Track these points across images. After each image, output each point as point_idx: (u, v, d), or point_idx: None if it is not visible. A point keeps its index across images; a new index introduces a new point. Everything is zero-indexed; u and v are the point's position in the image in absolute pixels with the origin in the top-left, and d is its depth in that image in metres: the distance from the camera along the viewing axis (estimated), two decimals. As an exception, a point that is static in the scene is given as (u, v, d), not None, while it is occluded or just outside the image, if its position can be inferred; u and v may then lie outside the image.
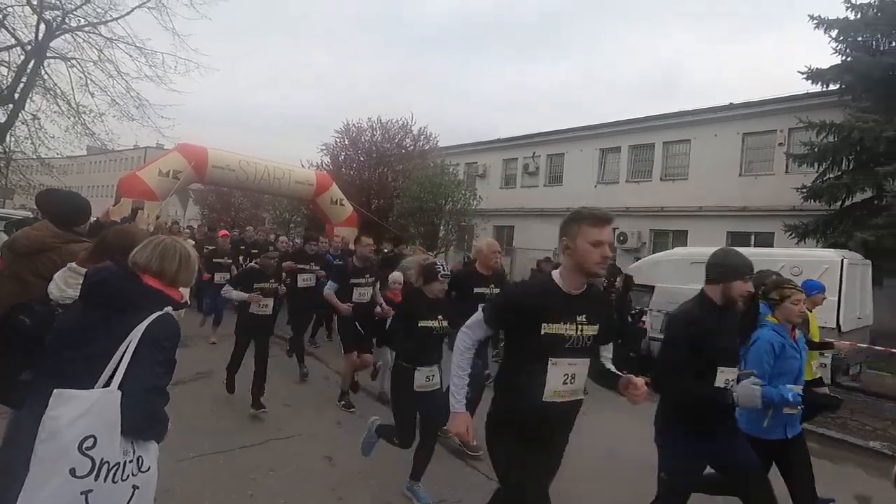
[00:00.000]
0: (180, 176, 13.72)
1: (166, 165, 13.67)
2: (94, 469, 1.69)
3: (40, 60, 13.44)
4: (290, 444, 4.64)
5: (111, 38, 13.84)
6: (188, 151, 14.22)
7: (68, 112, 14.00)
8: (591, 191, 19.98)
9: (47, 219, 3.16)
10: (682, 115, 17.64)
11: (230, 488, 3.81)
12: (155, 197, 13.19)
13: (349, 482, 4.08)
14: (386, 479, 4.15)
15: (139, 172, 13.76)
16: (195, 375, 6.40)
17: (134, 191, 12.70)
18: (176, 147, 14.66)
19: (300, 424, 5.08)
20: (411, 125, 22.34)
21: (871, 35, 12.15)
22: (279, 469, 4.18)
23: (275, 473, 4.10)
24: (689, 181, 17.34)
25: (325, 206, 17.23)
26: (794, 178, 13.67)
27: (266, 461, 4.29)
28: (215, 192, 30.85)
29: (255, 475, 4.04)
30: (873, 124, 10.83)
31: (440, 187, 18.99)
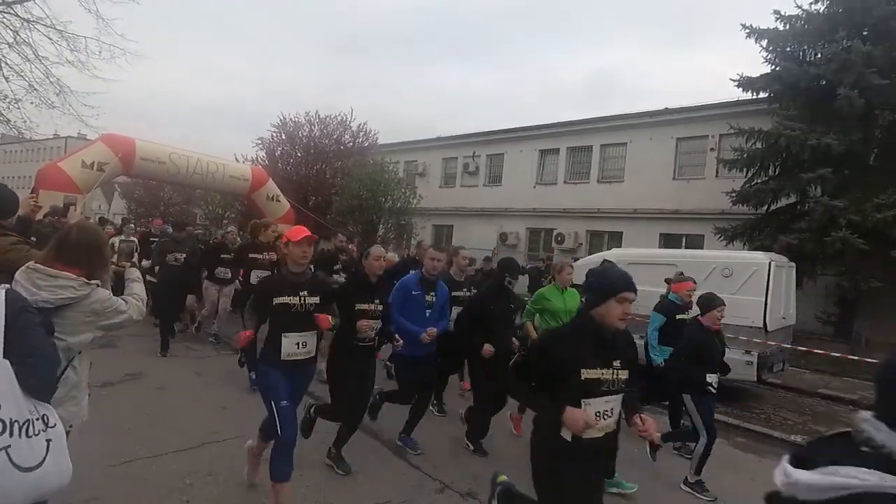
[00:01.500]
0: (106, 168, 13.06)
1: (90, 156, 13.01)
2: (6, 429, 1.79)
3: None
4: (227, 448, 4.42)
5: (28, 19, 12.78)
6: (114, 142, 13.53)
7: None
8: (530, 191, 20.07)
9: None
10: (619, 118, 17.93)
11: (164, 495, 3.63)
12: (78, 190, 12.47)
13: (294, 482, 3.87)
14: (326, 478, 4.11)
15: (61, 163, 13.03)
16: (123, 377, 6.10)
17: (55, 183, 12.03)
18: (101, 137, 13.88)
19: (237, 427, 4.78)
20: (350, 121, 21.87)
21: (799, 46, 12.64)
22: (216, 474, 3.98)
23: (211, 478, 3.91)
24: (625, 183, 17.64)
25: (262, 202, 16.67)
26: (724, 183, 14.08)
27: (202, 466, 4.09)
28: (143, 185, 29.68)
29: (192, 480, 3.86)
30: (799, 132, 11.23)
31: (380, 185, 18.67)
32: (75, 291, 2.33)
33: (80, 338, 2.39)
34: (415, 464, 4.58)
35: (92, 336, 2.44)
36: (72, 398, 2.42)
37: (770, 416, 7.69)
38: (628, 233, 16.99)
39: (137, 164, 13.90)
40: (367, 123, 22.24)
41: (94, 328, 2.43)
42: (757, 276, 8.10)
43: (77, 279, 2.35)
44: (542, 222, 19.65)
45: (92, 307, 2.39)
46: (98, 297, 2.42)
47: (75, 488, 3.19)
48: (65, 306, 2.32)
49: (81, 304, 2.36)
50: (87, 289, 2.37)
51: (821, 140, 10.86)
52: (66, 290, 2.32)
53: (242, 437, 4.55)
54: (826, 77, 11.40)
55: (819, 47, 12.21)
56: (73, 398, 2.42)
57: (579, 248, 17.85)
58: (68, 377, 2.38)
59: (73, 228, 2.55)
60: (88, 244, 2.46)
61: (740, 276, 8.11)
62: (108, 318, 2.47)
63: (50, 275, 2.30)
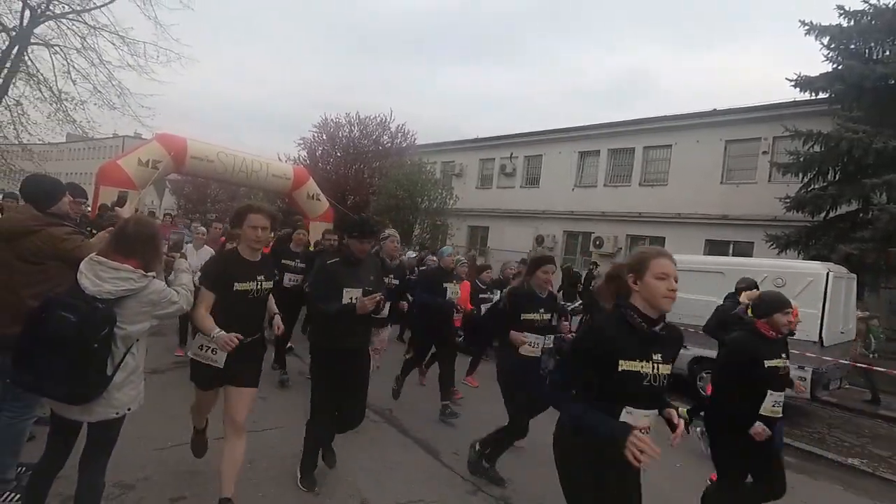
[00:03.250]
0: (159, 166, 13.61)
1: (146, 155, 13.56)
2: None
3: (24, 46, 13.59)
4: (266, 438, 4.53)
5: (94, 26, 13.96)
6: (168, 141, 14.08)
7: (50, 99, 14.13)
8: (568, 194, 19.58)
9: (27, 202, 3.22)
10: (664, 119, 17.27)
11: (208, 479, 3.66)
12: (134, 186, 13.10)
13: (325, 478, 3.99)
14: (358, 474, 4.17)
15: (119, 161, 13.61)
16: (172, 364, 6.31)
17: (113, 179, 12.65)
18: (155, 137, 14.47)
19: (275, 419, 4.97)
20: (389, 122, 22.00)
21: (865, 43, 11.81)
22: (256, 462, 4.08)
23: (252, 466, 3.98)
24: (669, 187, 16.96)
25: (302, 200, 16.89)
26: (777, 188, 13.32)
27: None
28: (192, 182, 30.99)
29: None
30: (863, 135, 10.45)
31: (417, 185, 18.57)
32: (135, 283, 2.49)
33: (137, 327, 2.55)
34: (448, 463, 4.60)
35: (148, 325, 2.62)
36: (130, 382, 2.60)
37: (824, 436, 7.20)
38: (671, 238, 16.28)
39: (188, 162, 14.39)
40: (406, 124, 22.29)
41: (149, 317, 2.61)
42: (813, 287, 7.54)
43: (136, 271, 2.49)
44: (579, 225, 19.12)
45: (149, 297, 2.56)
46: (155, 288, 2.58)
47: (127, 468, 3.62)
48: (125, 297, 2.48)
49: (140, 295, 2.52)
50: (146, 280, 2.53)
51: (888, 143, 10.07)
52: (127, 282, 2.47)
53: (280, 428, 4.80)
54: (895, 76, 10.57)
55: (888, 44, 11.38)
56: (131, 382, 2.60)
57: (618, 253, 17.27)
58: (128, 363, 2.56)
59: (130, 222, 2.68)
60: (145, 237, 2.60)
61: (794, 286, 7.51)
62: (162, 308, 2.64)
63: (112, 267, 2.46)
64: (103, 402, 2.49)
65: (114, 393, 2.51)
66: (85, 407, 2.46)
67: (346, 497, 3.81)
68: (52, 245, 3.03)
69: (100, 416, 2.51)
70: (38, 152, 16.31)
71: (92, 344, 2.33)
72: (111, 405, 2.52)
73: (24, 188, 3.31)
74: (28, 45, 13.62)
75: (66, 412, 2.53)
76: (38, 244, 3.01)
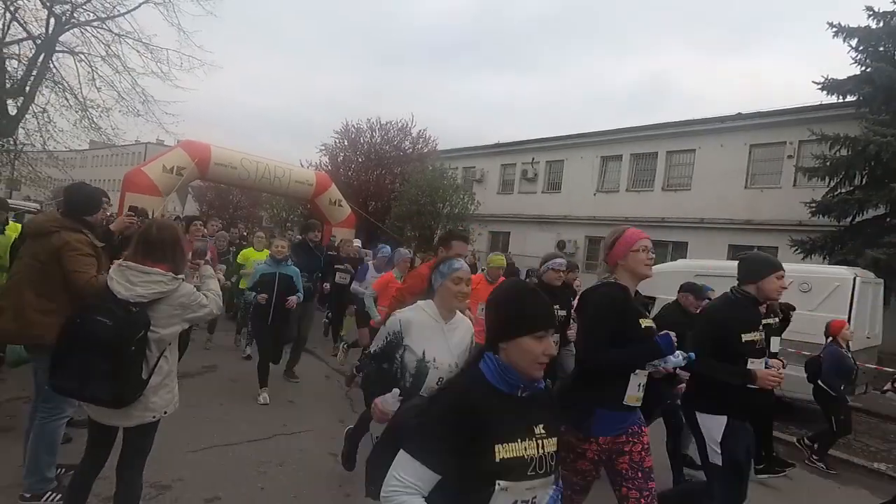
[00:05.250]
0: (184, 172, 13.71)
1: (170, 162, 13.64)
2: None
3: (49, 54, 13.67)
4: (296, 441, 4.67)
5: (118, 34, 14.00)
6: (192, 148, 14.19)
7: (76, 106, 14.13)
8: (590, 199, 19.56)
9: (60, 208, 3.34)
10: (687, 123, 17.19)
11: (241, 480, 3.86)
12: (158, 192, 13.22)
13: (355, 478, 3.95)
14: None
15: (144, 168, 13.71)
16: (201, 369, 6.51)
17: (139, 186, 12.83)
18: (179, 144, 14.57)
19: (304, 421, 5.13)
20: (411, 127, 22.07)
21: (894, 45, 11.65)
22: (287, 464, 4.21)
23: (283, 468, 4.13)
24: (692, 192, 16.87)
25: (324, 206, 16.93)
26: (802, 192, 13.19)
27: (274, 456, 4.34)
28: (214, 188, 31.16)
29: (265, 469, 4.09)
30: (892, 138, 10.34)
31: (438, 191, 18.66)
32: (166, 286, 2.51)
33: (170, 330, 2.57)
34: None
35: (180, 328, 2.64)
36: (165, 386, 2.62)
37: (850, 441, 7.04)
38: (694, 243, 16.20)
39: (212, 168, 14.48)
40: (427, 130, 22.39)
41: (181, 320, 2.62)
42: (839, 292, 7.45)
43: (166, 274, 2.52)
44: (602, 230, 18.98)
45: (180, 300, 2.57)
46: (185, 290, 2.61)
47: (163, 469, 3.69)
48: (156, 301, 2.50)
49: (171, 297, 2.54)
50: (176, 283, 2.55)
51: (917, 147, 9.95)
52: (158, 285, 2.50)
53: (310, 431, 4.91)
54: (924, 78, 10.46)
55: (919, 47, 11.24)
56: (166, 386, 2.63)
57: (642, 258, 17.16)
58: (162, 367, 2.58)
59: (153, 226, 2.68)
60: (170, 240, 2.61)
61: (820, 291, 7.47)
62: (193, 311, 2.65)
63: (143, 271, 2.49)
64: (140, 406, 2.52)
65: (150, 397, 2.54)
66: (123, 411, 2.49)
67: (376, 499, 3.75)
68: (59, 249, 3.03)
69: (137, 420, 2.55)
70: (63, 159, 16.40)
71: (129, 347, 2.38)
72: (148, 409, 2.56)
73: (65, 195, 3.32)
74: (53, 53, 13.72)
75: (105, 418, 2.56)
76: (55, 243, 3.04)
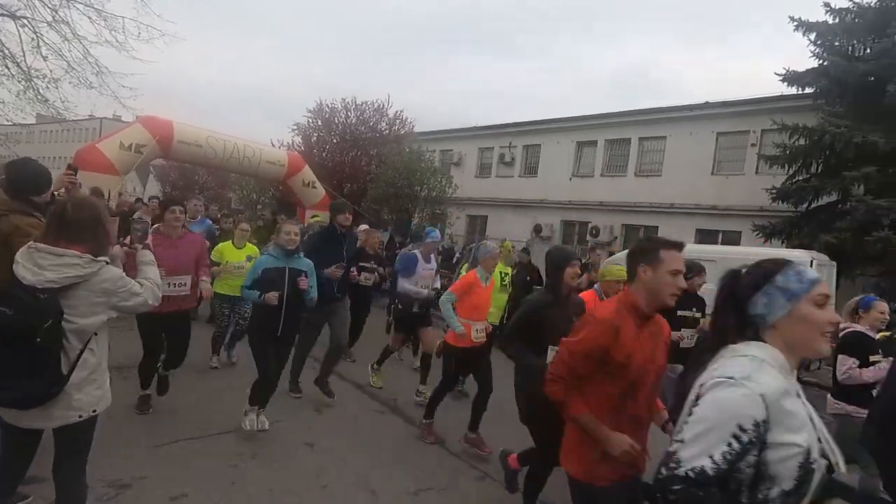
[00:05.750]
0: (144, 150, 13.01)
1: (128, 138, 12.94)
2: None
3: None
4: (270, 431, 4.50)
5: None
6: (152, 124, 13.45)
7: (18, 75, 12.80)
8: (566, 183, 19.99)
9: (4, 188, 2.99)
10: (659, 111, 17.68)
11: (210, 475, 3.68)
12: (115, 171, 12.46)
13: (331, 468, 4.02)
14: (367, 465, 4.14)
15: (98, 144, 12.98)
16: None
17: (93, 164, 11.94)
18: (138, 119, 13.76)
19: (279, 411, 4.88)
20: (387, 108, 21.84)
21: (849, 40, 12.26)
22: (260, 456, 4.07)
23: (255, 461, 3.99)
24: (663, 178, 17.44)
25: (297, 188, 16.66)
26: (764, 179, 13.84)
27: (246, 448, 4.18)
28: (178, 168, 29.62)
29: (236, 462, 3.92)
30: (844, 129, 10.96)
31: (416, 174, 18.71)
32: (82, 269, 2.21)
33: (92, 319, 2.27)
34: (455, 452, 4.63)
35: (106, 317, 2.33)
36: (93, 381, 2.34)
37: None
38: (664, 227, 16.79)
39: (175, 147, 13.77)
40: (404, 111, 22.29)
41: (106, 308, 2.32)
42: (796, 274, 8.02)
43: (82, 256, 2.22)
44: (577, 215, 19.59)
45: (102, 286, 2.28)
46: (108, 275, 2.31)
47: (123, 466, 3.54)
48: (73, 286, 2.21)
49: (90, 282, 2.24)
50: (95, 266, 2.25)
51: (867, 138, 10.59)
52: (73, 269, 2.20)
53: (284, 421, 4.74)
54: (876, 73, 11.07)
55: (870, 42, 11.84)
56: (93, 381, 2.35)
57: (614, 242, 17.75)
58: (87, 360, 2.29)
59: (68, 204, 2.34)
60: (88, 219, 2.29)
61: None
62: (121, 299, 2.35)
63: (54, 253, 2.19)
64: (62, 404, 2.24)
65: (73, 394, 2.26)
66: (42, 411, 2.21)
67: (355, 489, 3.77)
68: (9, 235, 2.76)
69: (60, 420, 2.27)
70: (6, 134, 15.19)
71: (34, 339, 2.09)
72: (72, 407, 2.27)
73: (7, 172, 3.02)
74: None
75: (17, 420, 2.25)
76: (3, 228, 2.79)
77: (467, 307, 4.81)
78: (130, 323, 4.42)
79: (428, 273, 6.02)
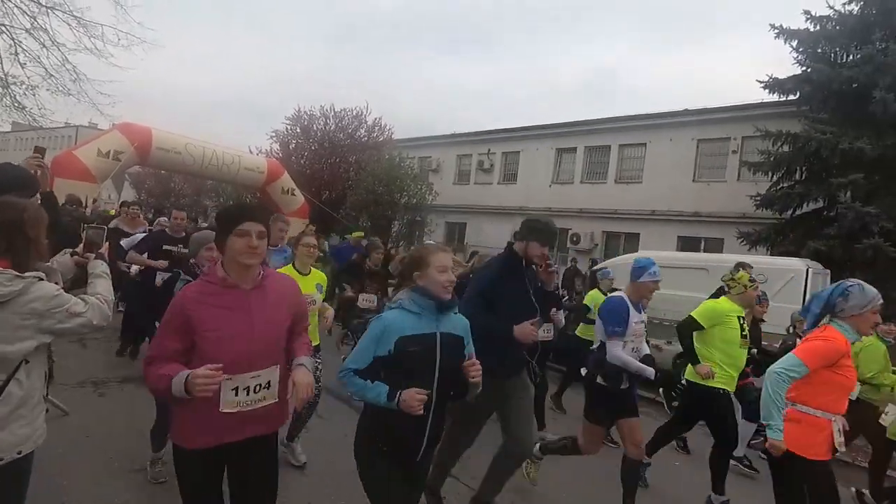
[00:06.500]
0: (122, 157, 12.93)
1: (106, 145, 12.85)
2: None
3: None
4: None
5: (46, 5, 12.54)
6: (130, 131, 13.39)
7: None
8: (545, 190, 19.90)
9: None
10: (638, 118, 17.72)
11: None
12: (93, 178, 12.35)
13: (324, 491, 3.83)
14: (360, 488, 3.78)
15: (76, 151, 12.87)
16: (140, 374, 5.59)
17: (70, 171, 11.86)
18: (116, 126, 13.68)
19: None
20: (366, 115, 21.75)
21: (831, 47, 12.39)
22: None
23: None
24: (643, 184, 17.44)
25: (276, 195, 16.48)
26: (746, 186, 13.88)
27: None
28: (154, 175, 29.74)
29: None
30: (830, 136, 11.01)
31: (396, 181, 18.51)
32: (4, 288, 1.83)
33: (17, 346, 1.88)
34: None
35: (36, 343, 1.93)
36: (20, 418, 1.95)
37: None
38: (645, 234, 16.81)
39: (153, 153, 13.73)
40: (382, 118, 22.13)
41: (35, 332, 1.92)
42: (794, 283, 7.97)
43: (3, 272, 1.84)
44: (557, 222, 18.65)
45: (31, 306, 1.88)
46: (39, 293, 1.90)
47: (104, 492, 3.34)
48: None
49: (14, 302, 1.85)
50: (20, 283, 1.86)
51: (853, 144, 10.64)
52: None
53: None
54: (860, 80, 11.17)
55: (852, 49, 11.98)
56: (21, 418, 1.95)
57: (595, 249, 17.69)
58: (11, 393, 1.91)
59: None
60: (7, 225, 1.92)
61: (776, 282, 7.93)
62: (56, 321, 1.95)
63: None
64: None
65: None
66: None
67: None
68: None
69: None
70: None
71: None
72: None
73: None
74: (-33, 23, 12.04)
75: None
76: None
77: None
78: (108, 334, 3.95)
79: (639, 329, 4.02)
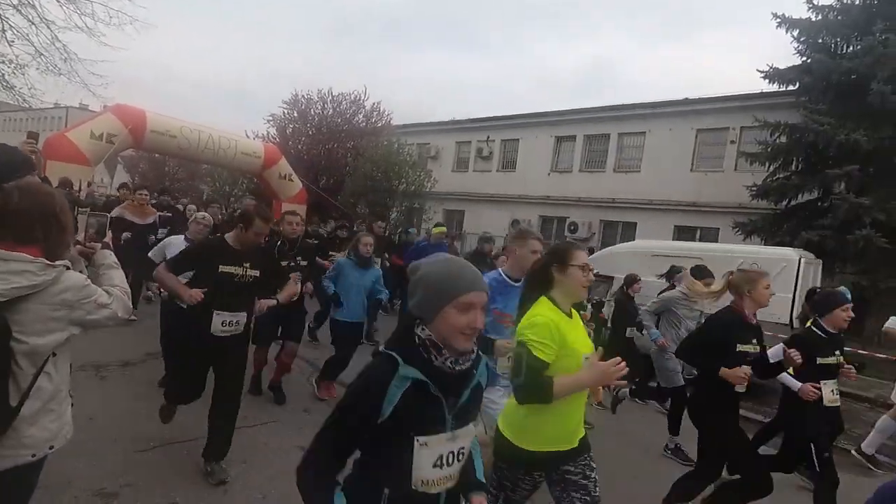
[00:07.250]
0: (115, 140, 12.66)
1: (100, 128, 12.57)
2: None
3: None
4: (259, 433, 4.30)
5: None
6: (124, 114, 13.11)
7: None
8: (544, 178, 19.90)
9: None
10: (638, 107, 17.68)
11: (200, 481, 3.45)
12: (86, 161, 12.10)
13: None
14: None
15: (69, 133, 12.57)
16: (144, 356, 5.70)
17: (62, 153, 11.59)
18: (110, 108, 13.42)
19: (266, 412, 4.70)
20: (364, 100, 21.58)
21: (832, 38, 12.37)
22: (251, 461, 3.84)
23: (247, 465, 3.77)
24: (642, 174, 17.46)
25: (274, 180, 16.28)
26: (743, 176, 13.93)
27: (236, 452, 3.82)
28: (148, 159, 29.02)
29: (226, 467, 3.64)
30: (828, 127, 11.03)
31: (395, 167, 18.45)
32: (36, 277, 1.75)
33: (48, 338, 1.81)
34: None
35: (66, 335, 1.87)
36: (50, 412, 1.90)
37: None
38: (642, 224, 16.87)
39: (147, 137, 13.51)
40: (381, 103, 21.98)
41: (67, 324, 1.85)
42: (786, 273, 8.05)
43: (35, 261, 1.76)
44: (555, 210, 19.51)
45: (62, 297, 1.81)
46: (70, 283, 1.84)
47: (110, 473, 3.35)
48: (23, 298, 1.74)
49: (46, 293, 1.78)
50: (52, 273, 1.79)
51: (850, 136, 10.67)
52: (23, 277, 1.73)
53: (275, 422, 4.55)
54: (859, 71, 11.17)
55: (853, 40, 11.96)
56: (51, 412, 1.90)
57: (592, 238, 17.74)
58: (41, 388, 1.84)
59: (15, 192, 1.83)
60: (41, 211, 1.82)
61: (769, 270, 7.96)
62: (86, 312, 1.89)
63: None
64: (10, 442, 1.80)
65: (24, 429, 1.81)
66: None
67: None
68: None
69: (7, 461, 1.79)
70: None
71: None
72: (23, 445, 1.82)
73: None
74: (-48, 0, 11.67)
75: None
76: None
77: None
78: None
79: None
